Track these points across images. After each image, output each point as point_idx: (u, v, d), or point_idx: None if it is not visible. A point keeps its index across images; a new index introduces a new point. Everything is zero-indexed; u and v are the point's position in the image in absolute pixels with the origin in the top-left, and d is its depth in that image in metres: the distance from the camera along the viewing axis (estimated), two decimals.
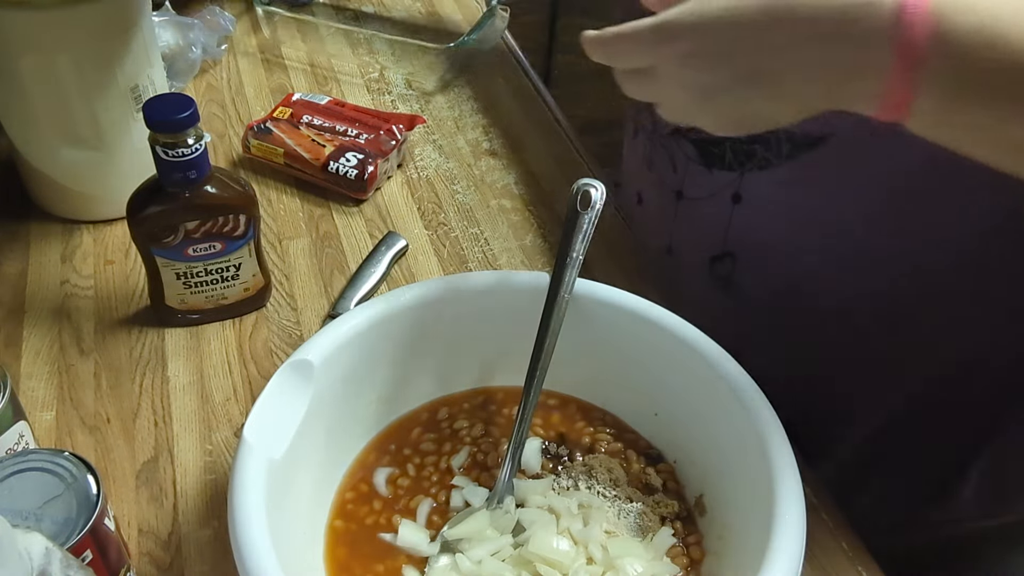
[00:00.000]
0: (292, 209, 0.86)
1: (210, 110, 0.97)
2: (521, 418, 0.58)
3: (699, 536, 0.57)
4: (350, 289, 0.76)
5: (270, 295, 0.76)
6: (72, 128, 0.77)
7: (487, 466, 0.61)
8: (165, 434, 0.66)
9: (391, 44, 1.08)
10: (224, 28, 1.04)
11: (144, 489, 0.62)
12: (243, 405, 0.68)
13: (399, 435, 0.63)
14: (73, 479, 0.47)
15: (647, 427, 0.63)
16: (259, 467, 0.50)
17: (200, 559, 0.59)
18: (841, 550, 0.60)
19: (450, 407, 0.65)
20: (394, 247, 0.80)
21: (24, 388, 0.68)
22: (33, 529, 0.45)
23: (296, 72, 1.04)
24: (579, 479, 0.60)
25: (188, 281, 0.71)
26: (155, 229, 0.68)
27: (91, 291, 0.77)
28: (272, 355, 0.72)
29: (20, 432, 0.55)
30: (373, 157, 0.86)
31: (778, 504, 0.49)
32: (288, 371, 0.55)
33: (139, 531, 0.60)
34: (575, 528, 0.56)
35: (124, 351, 0.72)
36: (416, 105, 1.00)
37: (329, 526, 0.58)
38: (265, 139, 0.88)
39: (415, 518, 0.58)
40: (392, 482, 0.60)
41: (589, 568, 0.53)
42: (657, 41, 0.47)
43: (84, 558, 0.46)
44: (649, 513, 0.58)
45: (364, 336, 0.59)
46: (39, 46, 0.72)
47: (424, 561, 0.56)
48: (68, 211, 0.83)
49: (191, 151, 0.64)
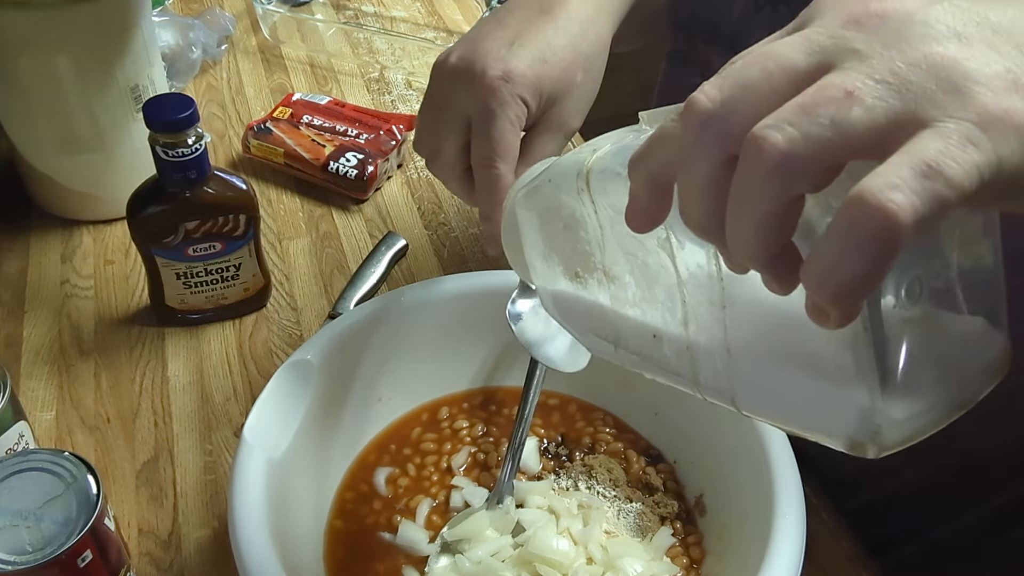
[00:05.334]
0: (292, 209, 0.86)
1: (210, 110, 0.97)
2: (521, 418, 0.58)
3: (699, 536, 0.57)
4: (350, 289, 0.76)
5: (270, 295, 0.76)
6: (72, 128, 0.77)
7: (487, 466, 0.61)
8: (165, 434, 0.66)
9: (391, 44, 1.08)
10: (224, 28, 1.04)
11: (144, 489, 0.62)
12: (243, 405, 0.68)
13: (399, 435, 0.63)
14: (73, 479, 0.47)
15: (647, 427, 0.63)
16: (259, 467, 0.50)
17: (200, 559, 0.59)
18: (841, 550, 0.60)
19: (450, 407, 0.65)
20: (394, 247, 0.80)
21: (24, 388, 0.68)
22: (33, 529, 0.45)
23: (296, 72, 1.04)
24: (579, 479, 0.60)
25: (188, 281, 0.71)
26: (155, 229, 0.68)
27: (91, 291, 0.77)
28: (272, 355, 0.72)
29: (20, 432, 0.55)
30: (373, 157, 0.86)
31: (778, 504, 0.49)
32: (288, 371, 0.55)
33: (139, 531, 0.60)
34: (575, 528, 0.56)
35: (124, 351, 0.72)
36: (416, 105, 1.00)
37: (329, 526, 0.58)
38: (265, 139, 0.88)
39: (415, 518, 0.58)
40: (392, 482, 0.60)
41: (589, 568, 0.53)
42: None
43: (84, 558, 0.46)
44: (649, 513, 0.58)
45: (364, 336, 0.59)
46: (39, 46, 0.72)
47: (424, 561, 0.56)
48: (68, 211, 0.83)
49: (191, 151, 0.64)
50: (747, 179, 0.26)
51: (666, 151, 0.29)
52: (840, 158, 0.26)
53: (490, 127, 0.51)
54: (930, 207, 0.23)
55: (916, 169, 0.24)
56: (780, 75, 0.27)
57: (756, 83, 0.27)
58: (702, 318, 0.34)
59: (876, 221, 0.23)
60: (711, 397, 0.36)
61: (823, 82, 0.26)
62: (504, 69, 0.50)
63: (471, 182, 0.53)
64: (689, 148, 0.28)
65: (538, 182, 0.43)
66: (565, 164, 0.39)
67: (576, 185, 0.37)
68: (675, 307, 0.35)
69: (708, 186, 0.27)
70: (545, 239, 0.43)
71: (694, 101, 0.28)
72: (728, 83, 0.27)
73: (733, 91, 0.27)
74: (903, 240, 0.23)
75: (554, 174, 0.41)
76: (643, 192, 0.30)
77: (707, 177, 0.27)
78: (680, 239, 0.33)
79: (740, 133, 0.27)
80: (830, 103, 0.25)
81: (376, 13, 1.16)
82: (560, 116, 0.54)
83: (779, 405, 0.33)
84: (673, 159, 0.29)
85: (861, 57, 0.26)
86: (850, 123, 0.25)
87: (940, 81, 0.25)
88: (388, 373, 0.62)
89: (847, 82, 0.26)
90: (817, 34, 0.28)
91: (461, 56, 0.52)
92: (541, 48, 0.52)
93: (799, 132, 0.25)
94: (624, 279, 0.38)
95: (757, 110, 0.27)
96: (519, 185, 0.47)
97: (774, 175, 0.25)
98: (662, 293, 0.36)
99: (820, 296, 0.25)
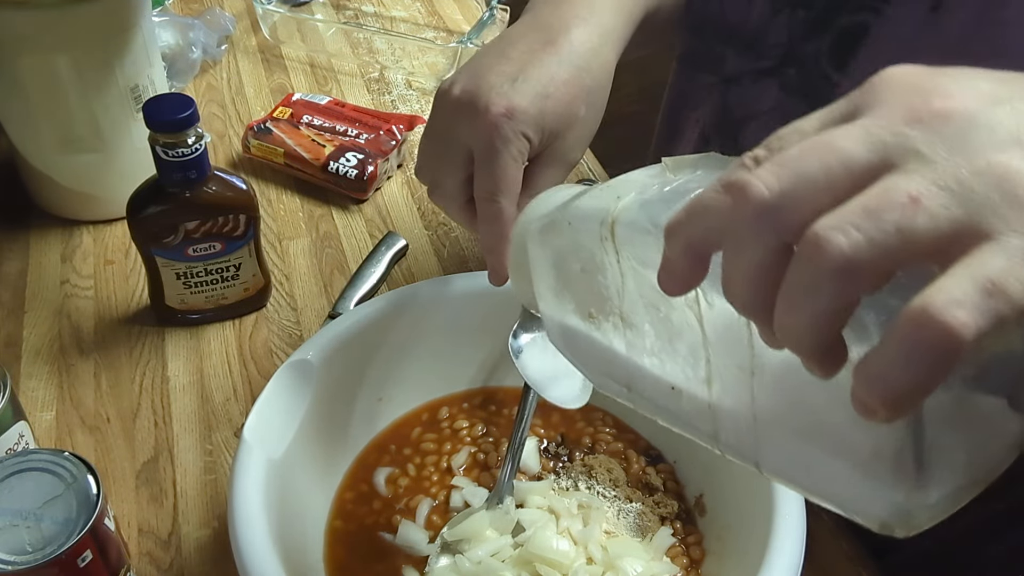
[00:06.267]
0: (292, 209, 0.86)
1: (210, 110, 0.97)
2: (521, 418, 0.58)
3: (699, 536, 0.57)
4: (350, 289, 0.76)
5: (270, 295, 0.76)
6: (72, 128, 0.77)
7: (487, 466, 0.61)
8: (165, 434, 0.66)
9: (391, 44, 1.08)
10: (224, 28, 1.04)
11: (144, 489, 0.62)
12: (243, 405, 0.68)
13: (399, 435, 0.63)
14: (73, 479, 0.47)
15: (647, 427, 0.63)
16: (259, 467, 0.50)
17: (200, 559, 0.59)
18: (841, 550, 0.60)
19: (450, 407, 0.65)
20: (394, 247, 0.80)
21: (24, 388, 0.68)
22: (33, 529, 0.45)
23: (296, 72, 1.04)
24: (579, 479, 0.60)
25: (188, 281, 0.71)
26: (155, 229, 0.68)
27: (91, 291, 0.77)
28: (272, 355, 0.72)
29: (20, 432, 0.55)
30: (373, 157, 0.86)
31: (778, 504, 0.49)
32: (288, 371, 0.55)
33: (139, 531, 0.60)
34: (575, 528, 0.56)
35: (124, 351, 0.72)
36: (416, 105, 1.00)
37: (329, 526, 0.58)
38: (265, 139, 0.88)
39: (415, 518, 0.58)
40: (392, 482, 0.60)
41: (589, 568, 0.53)
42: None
43: (84, 558, 0.46)
44: (649, 513, 0.58)
45: (364, 336, 0.59)
46: (39, 46, 0.72)
47: (424, 561, 0.56)
48: (68, 211, 0.83)
49: (191, 151, 0.64)
50: (806, 275, 0.26)
51: (709, 224, 0.29)
52: (901, 264, 0.26)
53: (493, 163, 0.51)
54: (991, 324, 0.24)
55: (979, 286, 0.24)
56: (841, 170, 0.27)
57: (816, 176, 0.27)
58: (728, 380, 0.33)
59: (938, 335, 0.24)
60: (731, 456, 0.35)
61: (887, 184, 0.26)
62: (507, 105, 0.51)
63: (473, 212, 0.53)
64: (742, 232, 0.28)
65: (555, 221, 0.42)
66: (586, 209, 0.39)
67: (599, 232, 0.37)
68: (698, 364, 0.34)
69: (760, 273, 0.27)
70: (558, 276, 0.42)
71: (749, 187, 0.27)
72: (786, 173, 0.27)
73: (792, 182, 0.27)
74: (963, 354, 0.24)
75: (574, 217, 0.40)
76: (680, 259, 0.30)
77: (760, 264, 0.27)
78: (710, 300, 0.33)
79: (798, 227, 0.26)
80: (895, 209, 0.25)
81: (376, 13, 1.16)
82: (562, 149, 0.54)
83: (806, 478, 0.32)
84: (716, 233, 0.29)
85: (925, 161, 0.26)
86: (914, 231, 0.25)
87: (1004, 193, 0.25)
88: (388, 373, 0.62)
89: (912, 187, 0.25)
90: (879, 128, 0.27)
91: (464, 89, 0.52)
92: (544, 83, 0.52)
93: (864, 237, 0.25)
94: (643, 328, 0.37)
95: (816, 205, 0.26)
96: (532, 216, 0.47)
97: (835, 277, 0.25)
98: (684, 348, 0.35)
99: (872, 397, 0.25)
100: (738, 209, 0.28)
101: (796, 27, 0.62)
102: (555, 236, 0.42)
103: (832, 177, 0.27)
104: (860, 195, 0.26)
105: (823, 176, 0.27)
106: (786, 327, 0.27)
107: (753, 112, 0.66)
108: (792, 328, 0.27)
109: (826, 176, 0.27)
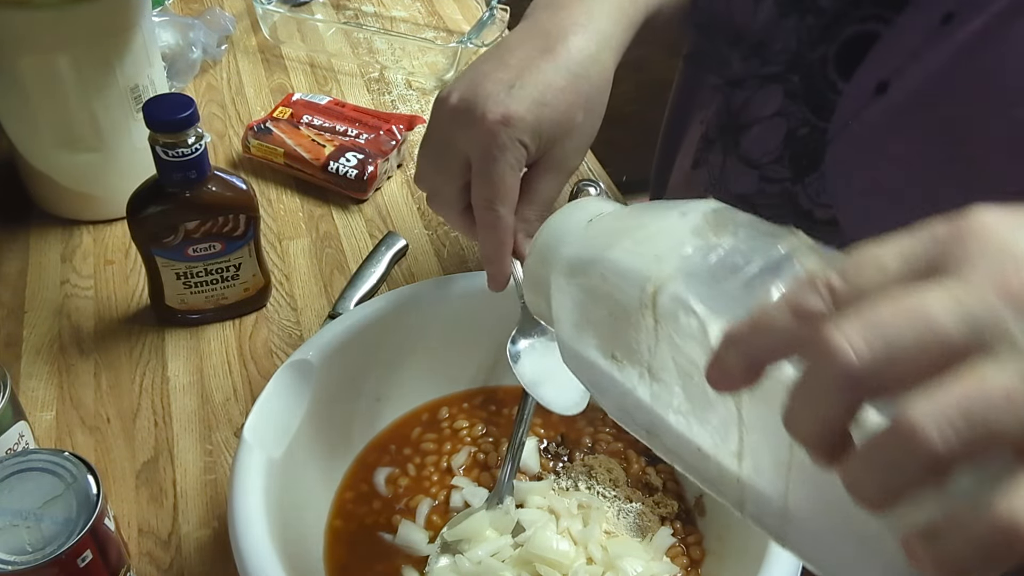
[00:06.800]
0: (292, 209, 0.86)
1: (210, 110, 0.97)
2: (521, 418, 0.58)
3: (699, 536, 0.57)
4: (350, 289, 0.76)
5: (270, 295, 0.76)
6: (72, 128, 0.77)
7: (487, 466, 0.61)
8: (165, 434, 0.66)
9: (391, 44, 1.08)
10: (224, 28, 1.04)
11: (144, 489, 0.62)
12: (243, 405, 0.68)
13: (399, 435, 0.63)
14: (73, 479, 0.47)
15: None
16: (259, 467, 0.50)
17: (200, 559, 0.59)
18: None
19: (450, 407, 0.65)
20: (394, 247, 0.80)
21: (24, 388, 0.68)
22: (33, 529, 0.45)
23: (296, 72, 1.04)
24: (579, 479, 0.60)
25: (188, 281, 0.71)
26: (155, 229, 0.68)
27: (91, 291, 0.77)
28: (272, 355, 0.72)
29: (20, 432, 0.55)
30: (373, 157, 0.86)
31: None
32: (288, 371, 0.55)
33: (139, 531, 0.60)
34: (575, 528, 0.56)
35: (124, 351, 0.72)
36: (416, 105, 1.00)
37: (329, 526, 0.58)
38: (265, 139, 0.88)
39: (415, 518, 0.58)
40: (392, 482, 0.60)
41: (589, 568, 0.53)
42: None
43: (84, 558, 0.46)
44: (649, 513, 0.58)
45: (364, 336, 0.59)
46: (39, 46, 0.72)
47: (424, 561, 0.56)
48: (68, 211, 0.83)
49: (191, 151, 0.64)
50: (890, 453, 0.26)
51: (774, 343, 0.29)
52: (981, 453, 0.25)
53: (490, 171, 0.51)
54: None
55: None
56: (935, 348, 0.26)
57: (909, 350, 0.26)
58: (762, 466, 0.32)
59: (1003, 534, 0.24)
60: (754, 524, 0.34)
61: (983, 374, 0.25)
62: (504, 113, 0.51)
63: (471, 219, 0.54)
64: (822, 387, 0.27)
65: (586, 268, 0.40)
66: (623, 267, 0.37)
67: (639, 298, 0.36)
68: (729, 438, 0.33)
69: (832, 427, 0.27)
70: (583, 314, 0.41)
71: (837, 348, 0.26)
72: (878, 341, 0.26)
73: (885, 353, 0.26)
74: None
75: (609, 272, 0.38)
76: (736, 364, 0.30)
77: (834, 419, 0.27)
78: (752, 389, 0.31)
79: (883, 395, 0.26)
80: (990, 409, 0.25)
81: (376, 13, 1.16)
82: (560, 156, 0.54)
83: (830, 567, 0.32)
84: (780, 353, 0.29)
85: (1018, 350, 0.26)
86: (1004, 430, 0.25)
87: None
88: (388, 373, 0.62)
89: (1006, 382, 0.25)
90: (971, 299, 0.26)
91: (462, 97, 0.52)
92: (541, 90, 0.52)
93: (955, 435, 0.25)
94: (671, 387, 0.36)
95: (906, 381, 0.26)
96: (554, 238, 0.45)
97: (923, 465, 0.25)
98: (716, 420, 0.34)
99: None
100: (823, 366, 0.27)
101: (804, 34, 0.62)
102: (584, 279, 0.40)
103: (926, 352, 0.26)
104: (955, 382, 0.25)
105: (916, 350, 0.26)
106: (858, 486, 0.27)
107: (756, 117, 0.67)
108: (866, 489, 0.27)
109: (919, 351, 0.26)
